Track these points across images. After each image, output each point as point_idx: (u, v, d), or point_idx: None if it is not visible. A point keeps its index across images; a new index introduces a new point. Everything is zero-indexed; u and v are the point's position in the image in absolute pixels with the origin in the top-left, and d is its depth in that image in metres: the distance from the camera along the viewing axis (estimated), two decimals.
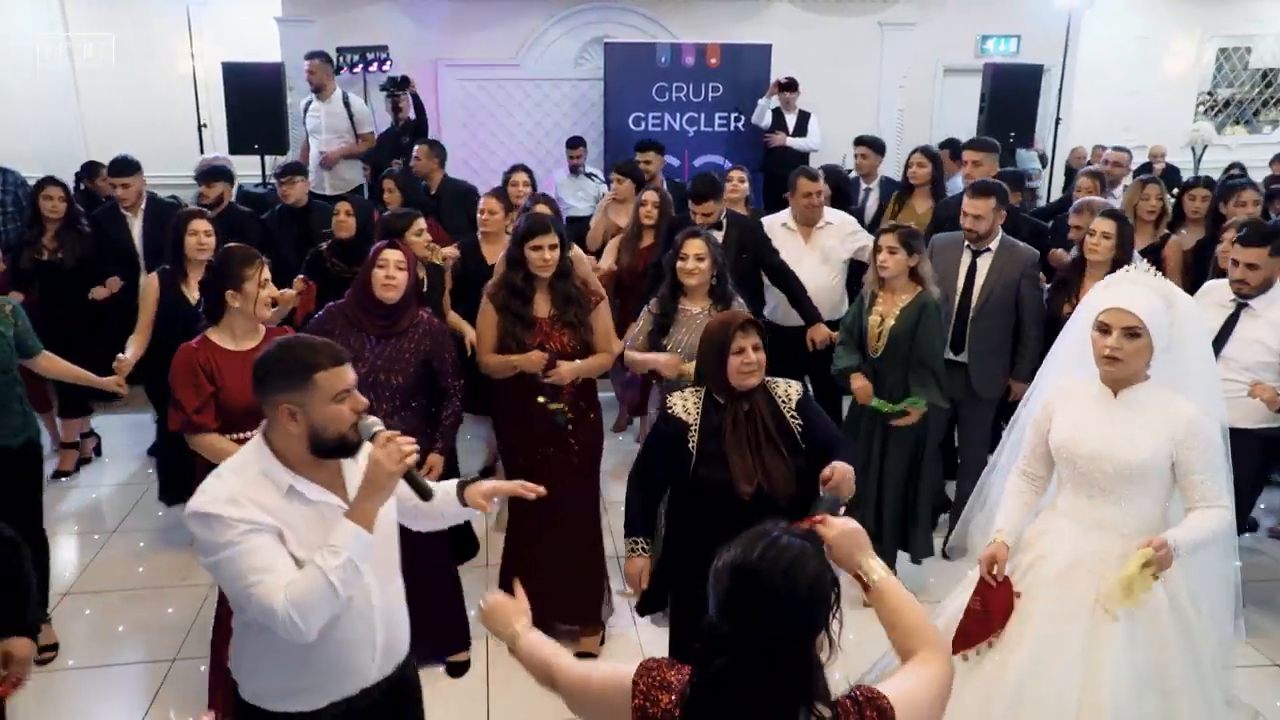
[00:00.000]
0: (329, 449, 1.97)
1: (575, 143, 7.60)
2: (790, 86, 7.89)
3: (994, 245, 4.26)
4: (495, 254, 4.51)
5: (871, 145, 6.41)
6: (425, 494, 2.00)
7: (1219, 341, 3.78)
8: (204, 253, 3.95)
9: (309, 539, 1.92)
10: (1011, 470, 2.81)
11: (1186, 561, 2.47)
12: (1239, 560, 2.81)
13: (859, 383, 3.90)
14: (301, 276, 4.53)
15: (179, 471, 4.15)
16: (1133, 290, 2.53)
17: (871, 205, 6.30)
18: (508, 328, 3.46)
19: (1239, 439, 3.50)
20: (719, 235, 4.61)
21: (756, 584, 1.44)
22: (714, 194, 4.67)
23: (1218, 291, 3.93)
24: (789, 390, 2.79)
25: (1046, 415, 2.70)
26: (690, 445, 2.68)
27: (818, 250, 5.04)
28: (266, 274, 3.06)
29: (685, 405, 2.74)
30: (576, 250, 5.07)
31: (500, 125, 8.86)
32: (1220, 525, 2.47)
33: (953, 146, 6.70)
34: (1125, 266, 2.68)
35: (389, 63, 8.10)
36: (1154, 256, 4.68)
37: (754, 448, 2.63)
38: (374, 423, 1.98)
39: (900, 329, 3.80)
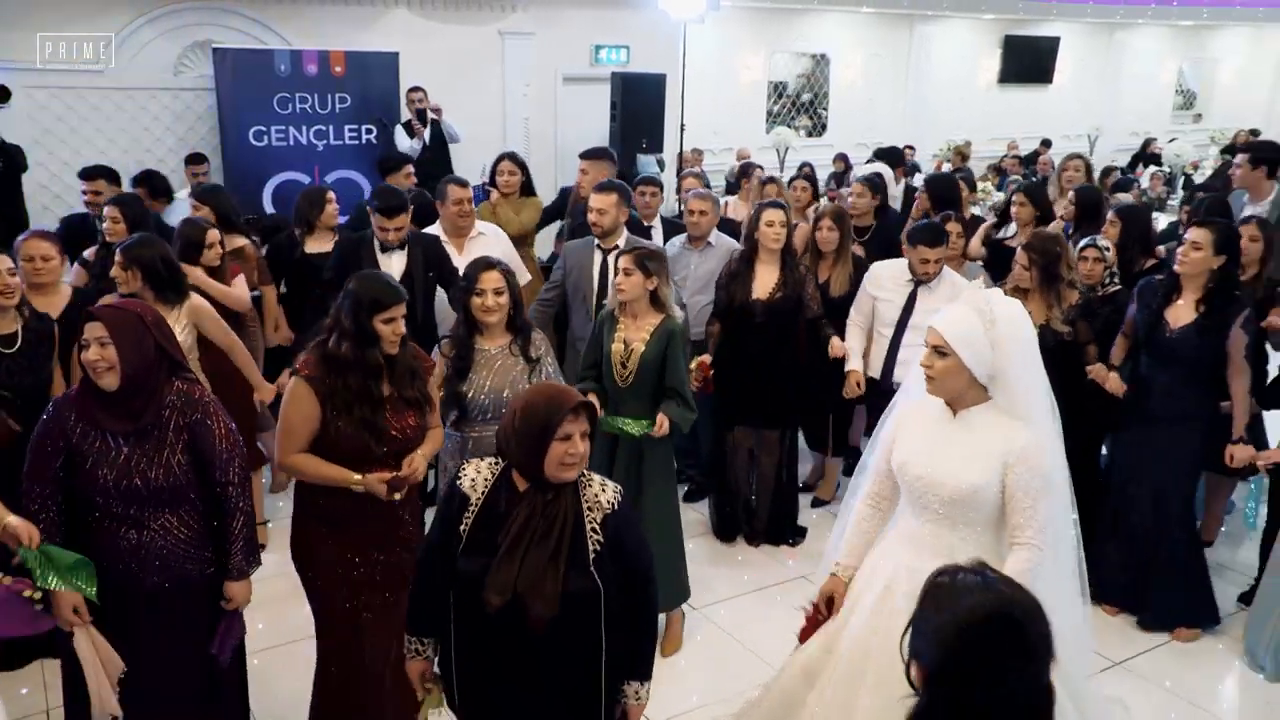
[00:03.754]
0: None
1: (197, 159, 6.70)
2: (422, 103, 7.73)
3: (621, 242, 4.37)
4: (52, 305, 3.68)
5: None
6: None
7: (905, 314, 4.38)
8: None
9: None
10: (859, 496, 2.72)
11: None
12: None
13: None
14: None
15: None
16: (953, 310, 2.48)
17: None
18: (361, 418, 2.74)
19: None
20: (402, 255, 4.33)
21: (1017, 633, 1.31)
22: (405, 207, 4.34)
23: (891, 270, 4.47)
24: (602, 495, 2.22)
25: (892, 435, 2.62)
26: (462, 527, 2.18)
27: None
28: None
29: (475, 478, 2.22)
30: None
31: (87, 142, 7.58)
32: (1022, 566, 2.34)
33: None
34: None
35: None
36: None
37: (527, 553, 2.11)
38: None
39: (650, 355, 3.60)
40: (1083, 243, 4.38)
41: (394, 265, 4.31)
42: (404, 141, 7.90)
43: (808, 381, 4.64)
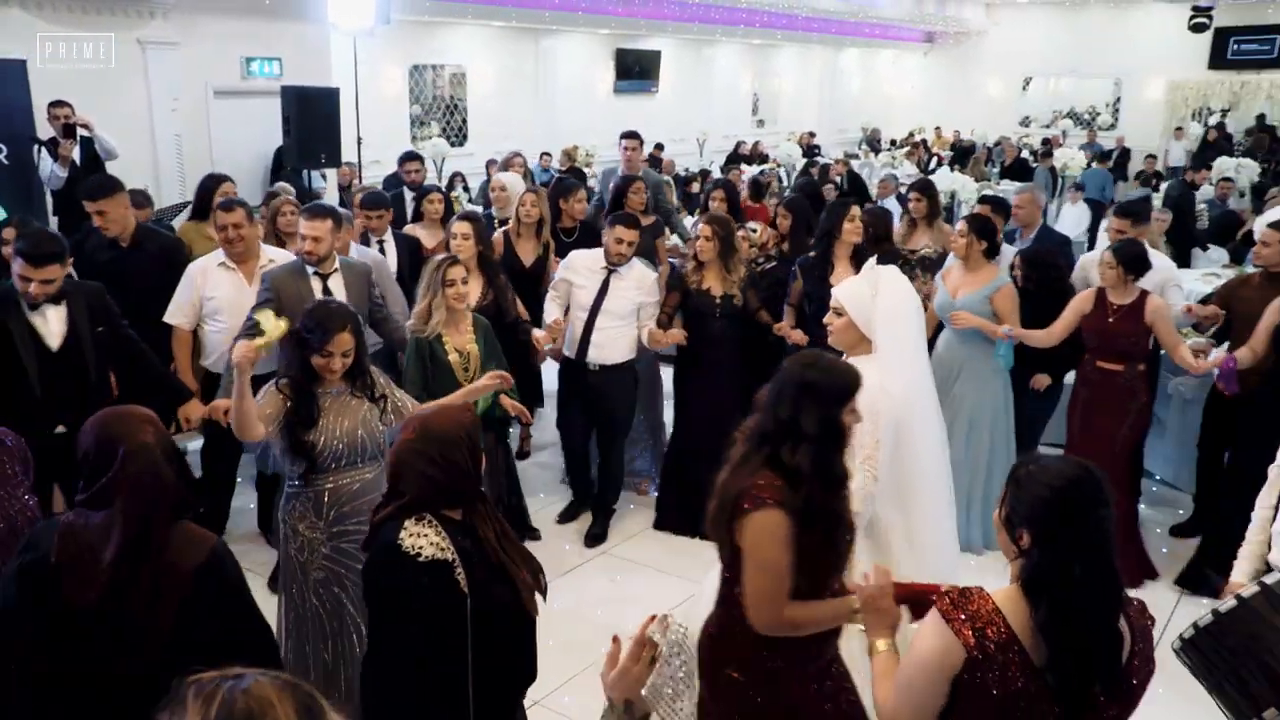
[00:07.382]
0: None
1: None
2: (69, 118, 6.94)
3: (338, 266, 4.34)
4: None
5: None
6: None
7: (599, 299, 4.73)
8: None
9: None
10: None
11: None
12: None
13: None
14: None
15: None
16: (851, 281, 3.14)
17: None
18: (827, 537, 2.44)
19: (621, 370, 4.78)
20: (60, 311, 3.72)
21: (1097, 483, 1.76)
22: (58, 255, 3.65)
23: (587, 260, 4.82)
24: None
25: None
26: (461, 585, 2.14)
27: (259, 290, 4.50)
28: None
29: (431, 541, 2.14)
30: None
31: None
32: (854, 486, 2.53)
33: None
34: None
35: None
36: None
37: (511, 550, 2.28)
38: None
39: (486, 351, 3.94)
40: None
41: (51, 325, 3.70)
42: (47, 166, 7.02)
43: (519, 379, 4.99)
